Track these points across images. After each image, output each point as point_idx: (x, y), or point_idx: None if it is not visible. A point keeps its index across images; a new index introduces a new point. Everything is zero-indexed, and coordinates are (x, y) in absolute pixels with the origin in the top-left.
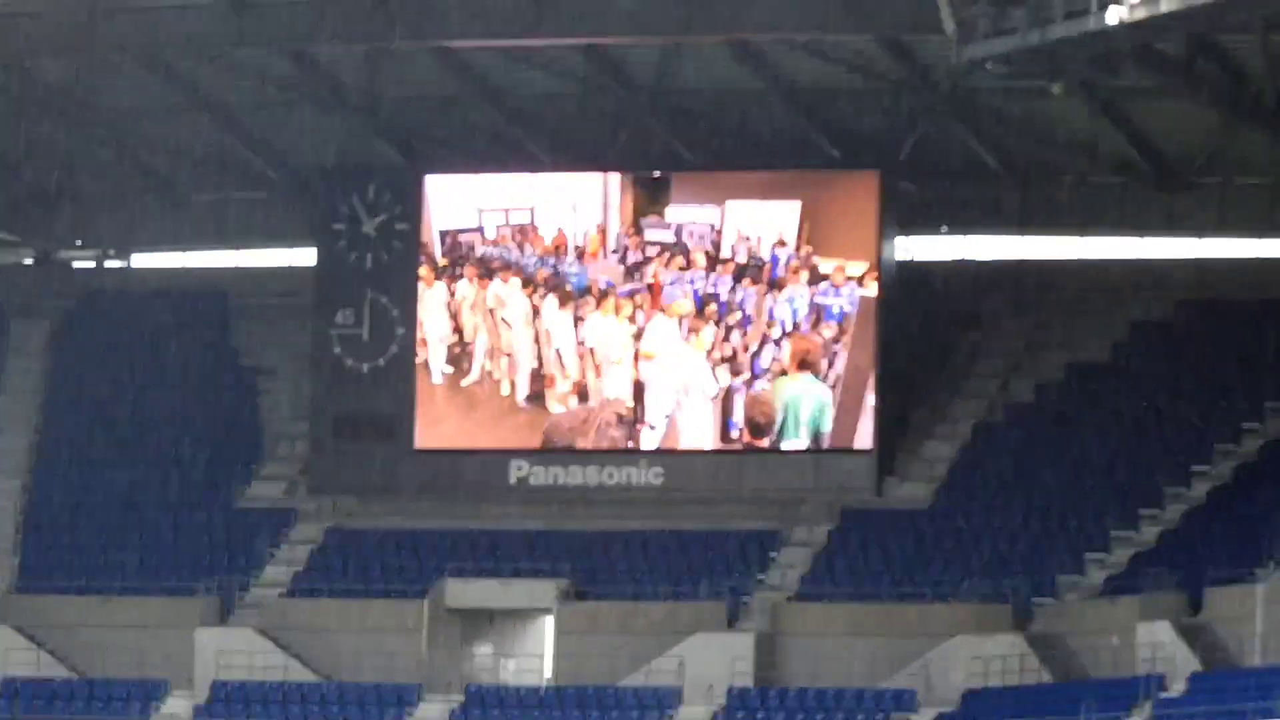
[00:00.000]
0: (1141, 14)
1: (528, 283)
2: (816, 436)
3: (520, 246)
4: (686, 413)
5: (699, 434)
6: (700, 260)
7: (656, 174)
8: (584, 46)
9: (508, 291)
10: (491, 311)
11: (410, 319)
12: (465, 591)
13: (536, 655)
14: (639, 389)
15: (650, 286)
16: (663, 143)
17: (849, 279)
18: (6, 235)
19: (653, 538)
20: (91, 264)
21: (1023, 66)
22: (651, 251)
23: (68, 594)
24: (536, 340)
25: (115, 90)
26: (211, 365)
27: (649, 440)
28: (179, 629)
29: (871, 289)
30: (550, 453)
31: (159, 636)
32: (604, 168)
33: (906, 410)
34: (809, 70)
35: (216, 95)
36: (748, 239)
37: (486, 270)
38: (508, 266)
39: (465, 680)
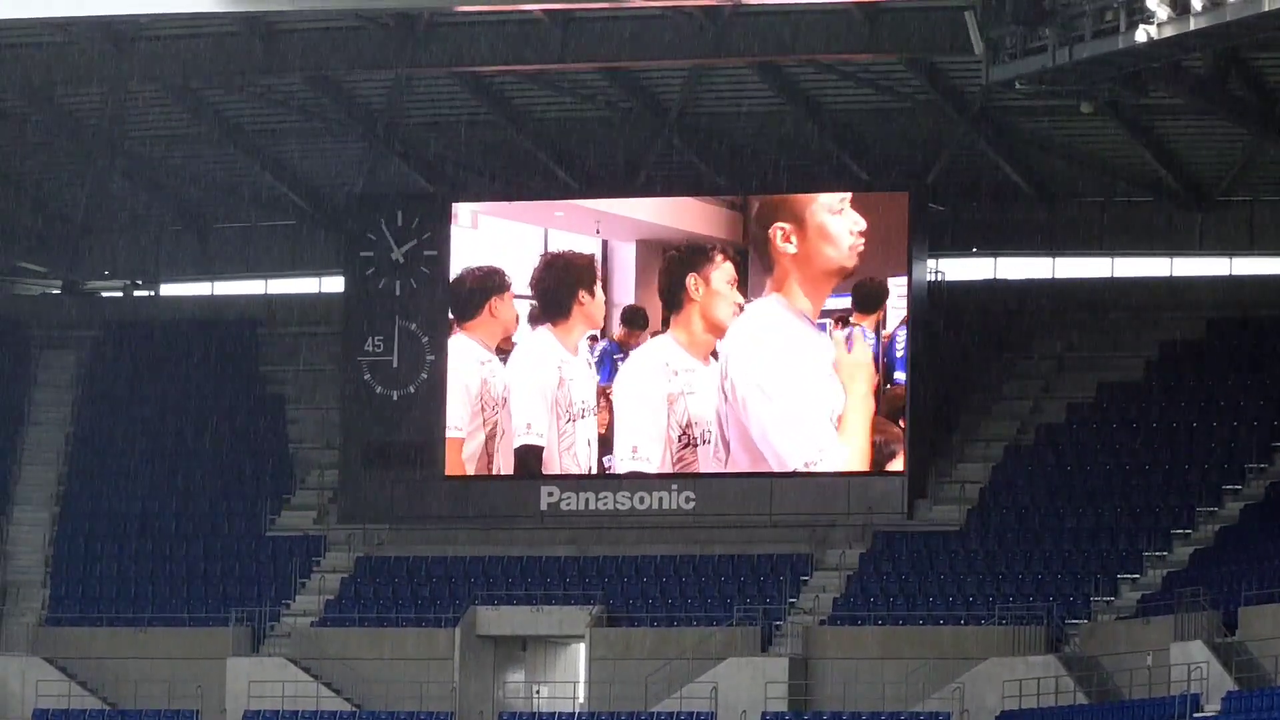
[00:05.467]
0: (1170, 32)
1: None
2: None
3: None
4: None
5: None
6: None
7: None
8: (610, 70)
9: None
10: None
11: (439, 346)
12: (497, 619)
13: (569, 682)
14: None
15: None
16: (690, 165)
17: None
18: (34, 265)
19: (685, 563)
20: (119, 294)
21: (1052, 86)
22: None
23: (98, 625)
24: None
25: (142, 120)
26: (241, 394)
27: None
28: (210, 659)
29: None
30: (581, 478)
31: (190, 667)
32: (631, 193)
33: (938, 432)
34: (837, 92)
35: (243, 124)
36: None
37: None
38: None
39: (498, 708)
